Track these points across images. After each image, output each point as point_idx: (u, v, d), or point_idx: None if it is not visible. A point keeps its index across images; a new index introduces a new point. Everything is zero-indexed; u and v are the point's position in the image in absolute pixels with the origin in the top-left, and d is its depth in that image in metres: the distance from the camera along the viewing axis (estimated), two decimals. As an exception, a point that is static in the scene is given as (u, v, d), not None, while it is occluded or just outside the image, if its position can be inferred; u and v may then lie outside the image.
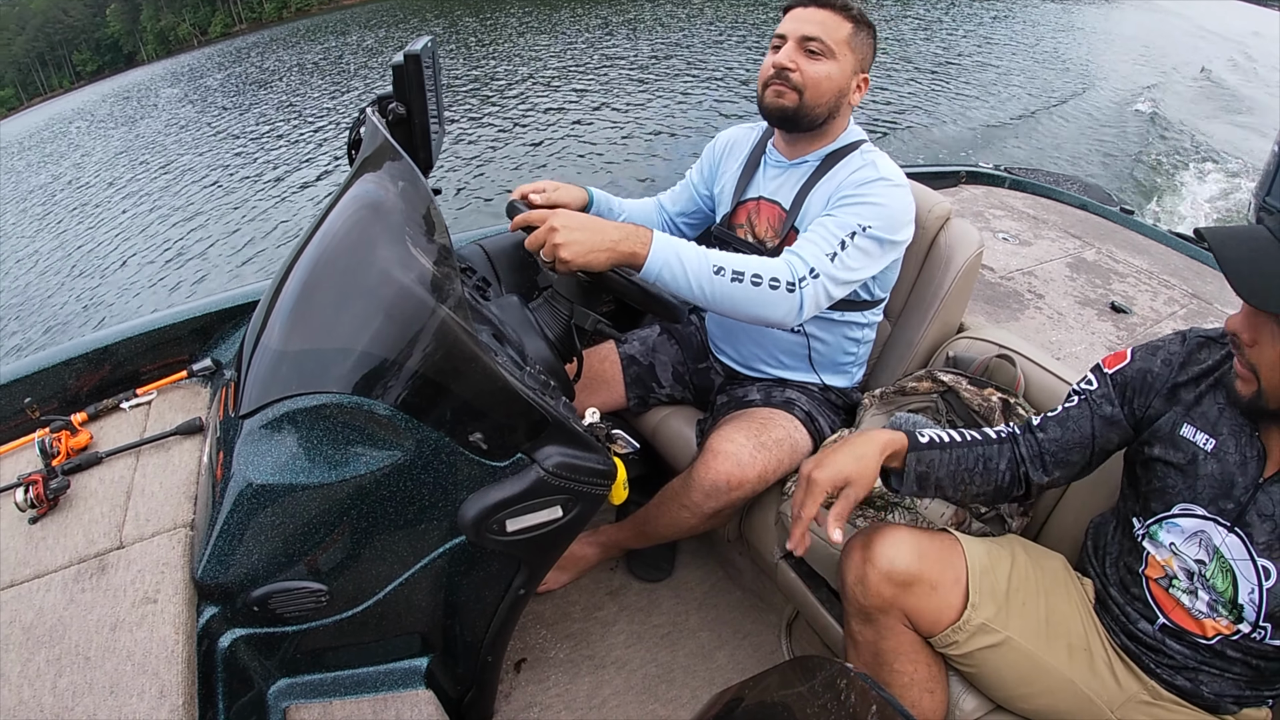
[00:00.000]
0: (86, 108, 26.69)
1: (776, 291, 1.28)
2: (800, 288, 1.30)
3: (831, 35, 1.42)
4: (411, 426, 1.00)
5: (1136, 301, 2.81)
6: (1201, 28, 18.07)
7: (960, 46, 14.60)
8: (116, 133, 18.10)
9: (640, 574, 1.91)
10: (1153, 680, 1.14)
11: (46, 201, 12.72)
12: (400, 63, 1.30)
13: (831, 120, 1.50)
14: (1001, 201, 3.58)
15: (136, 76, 34.10)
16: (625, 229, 1.25)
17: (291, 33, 33.84)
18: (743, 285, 1.27)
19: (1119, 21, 18.66)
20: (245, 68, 23.49)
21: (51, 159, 17.65)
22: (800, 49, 1.44)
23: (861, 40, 1.46)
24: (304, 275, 1.08)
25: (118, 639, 0.97)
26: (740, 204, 1.65)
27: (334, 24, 32.11)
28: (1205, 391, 1.10)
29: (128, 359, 1.52)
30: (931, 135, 9.56)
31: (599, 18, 20.04)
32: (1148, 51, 14.85)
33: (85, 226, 10.31)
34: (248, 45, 32.13)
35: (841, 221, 1.37)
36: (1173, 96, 11.57)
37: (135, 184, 11.71)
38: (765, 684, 0.82)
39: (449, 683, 1.29)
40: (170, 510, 1.17)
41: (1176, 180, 8.35)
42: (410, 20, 27.99)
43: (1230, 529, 1.04)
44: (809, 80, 1.44)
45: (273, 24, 52.40)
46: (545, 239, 1.21)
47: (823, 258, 1.33)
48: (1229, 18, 19.61)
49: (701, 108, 10.63)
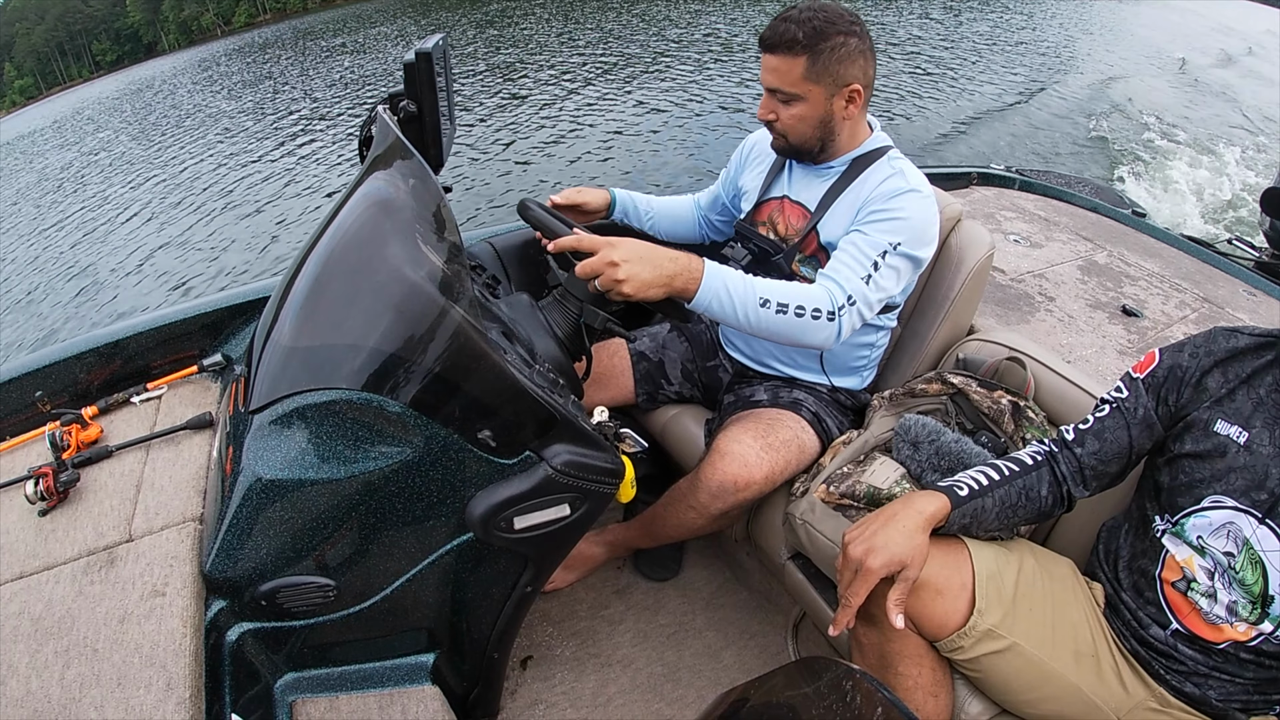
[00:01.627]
0: (106, 97, 26.62)
1: (818, 321, 1.32)
2: (839, 315, 1.34)
3: (787, 80, 1.42)
4: (420, 423, 1.00)
5: (1148, 305, 2.79)
6: (1218, 25, 17.98)
7: (964, 41, 14.56)
8: (122, 127, 18.15)
9: (647, 573, 1.91)
10: (1161, 687, 1.13)
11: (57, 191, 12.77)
12: (412, 60, 1.30)
13: (833, 142, 1.50)
14: (1012, 203, 3.56)
15: (159, 67, 33.92)
16: (679, 260, 1.25)
17: (319, 24, 33.68)
18: (786, 316, 1.30)
19: (1127, 18, 18.61)
20: (267, 62, 23.44)
21: (73, 142, 17.74)
22: (774, 97, 1.46)
23: (824, 63, 1.40)
24: (315, 272, 1.08)
25: (126, 631, 0.97)
26: (764, 202, 1.65)
27: (363, 15, 31.86)
28: (1237, 387, 1.10)
29: (138, 354, 1.53)
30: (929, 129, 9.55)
31: (614, 14, 20.02)
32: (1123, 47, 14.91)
33: (87, 221, 10.33)
34: (272, 36, 31.92)
35: (874, 241, 1.38)
36: (1149, 90, 11.62)
37: (141, 180, 11.75)
38: (771, 685, 0.82)
39: (455, 679, 1.30)
40: (179, 504, 1.17)
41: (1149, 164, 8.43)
42: (436, 13, 27.84)
43: (1262, 520, 1.04)
44: (786, 126, 1.47)
45: (297, 14, 52.16)
46: (602, 270, 1.19)
47: (858, 282, 1.36)
48: (1241, 16, 19.52)
49: (718, 106, 10.59)
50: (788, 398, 1.62)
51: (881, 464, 1.41)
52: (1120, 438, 1.17)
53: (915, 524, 1.09)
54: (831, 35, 1.38)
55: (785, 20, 1.39)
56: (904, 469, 1.39)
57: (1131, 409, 1.17)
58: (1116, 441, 1.17)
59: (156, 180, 11.40)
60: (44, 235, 10.29)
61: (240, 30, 54.10)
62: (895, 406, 1.58)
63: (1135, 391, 1.18)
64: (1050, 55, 13.41)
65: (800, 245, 1.55)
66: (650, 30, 16.85)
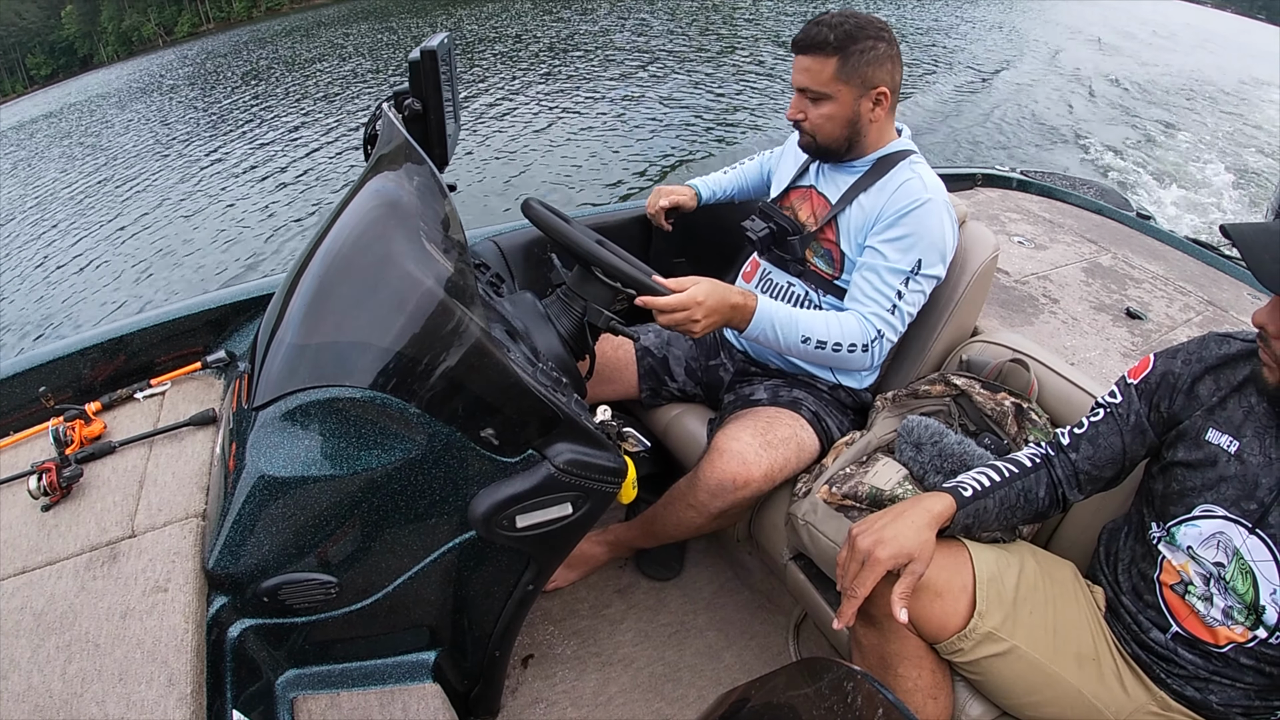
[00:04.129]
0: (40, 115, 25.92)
1: (854, 354, 1.48)
2: (873, 346, 1.49)
3: (819, 80, 1.47)
4: (424, 421, 1.00)
5: (1152, 307, 2.78)
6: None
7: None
8: (126, 122, 18.02)
9: (649, 572, 1.91)
10: (1162, 691, 1.13)
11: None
12: (417, 59, 1.31)
13: (859, 142, 1.55)
14: (1017, 205, 3.55)
15: (100, 79, 32.97)
16: (738, 303, 1.39)
17: (270, 32, 33.05)
18: (824, 352, 1.47)
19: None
20: (242, 63, 23.07)
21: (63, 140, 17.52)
22: (804, 97, 1.52)
23: (854, 65, 1.45)
24: (319, 270, 1.08)
25: (128, 627, 0.97)
26: (792, 189, 1.71)
27: (306, 25, 31.25)
28: (1229, 395, 1.09)
29: (142, 350, 1.53)
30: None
31: (617, 9, 20.01)
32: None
33: (87, 221, 10.23)
34: (224, 44, 31.28)
35: (895, 268, 1.47)
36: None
37: (149, 177, 11.70)
38: (772, 685, 0.82)
39: (456, 677, 1.30)
40: (182, 500, 1.18)
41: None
42: (389, 19, 27.53)
43: (1251, 530, 1.03)
44: (815, 125, 1.53)
45: (242, 24, 51.25)
46: (684, 323, 1.32)
47: (886, 315, 1.48)
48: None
49: (726, 102, 10.61)
50: (787, 396, 1.62)
51: (884, 465, 1.41)
52: (1114, 444, 1.17)
53: (924, 520, 1.09)
54: (861, 39, 1.44)
55: (818, 24, 1.47)
56: (906, 470, 1.39)
57: (1124, 415, 1.17)
58: (1110, 447, 1.17)
59: (152, 181, 11.32)
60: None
61: (183, 40, 53.01)
62: (898, 407, 1.58)
63: (1129, 397, 1.18)
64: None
65: (817, 234, 1.59)
66: (658, 28, 16.83)
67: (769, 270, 1.68)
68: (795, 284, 1.63)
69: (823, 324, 1.45)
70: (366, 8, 31.80)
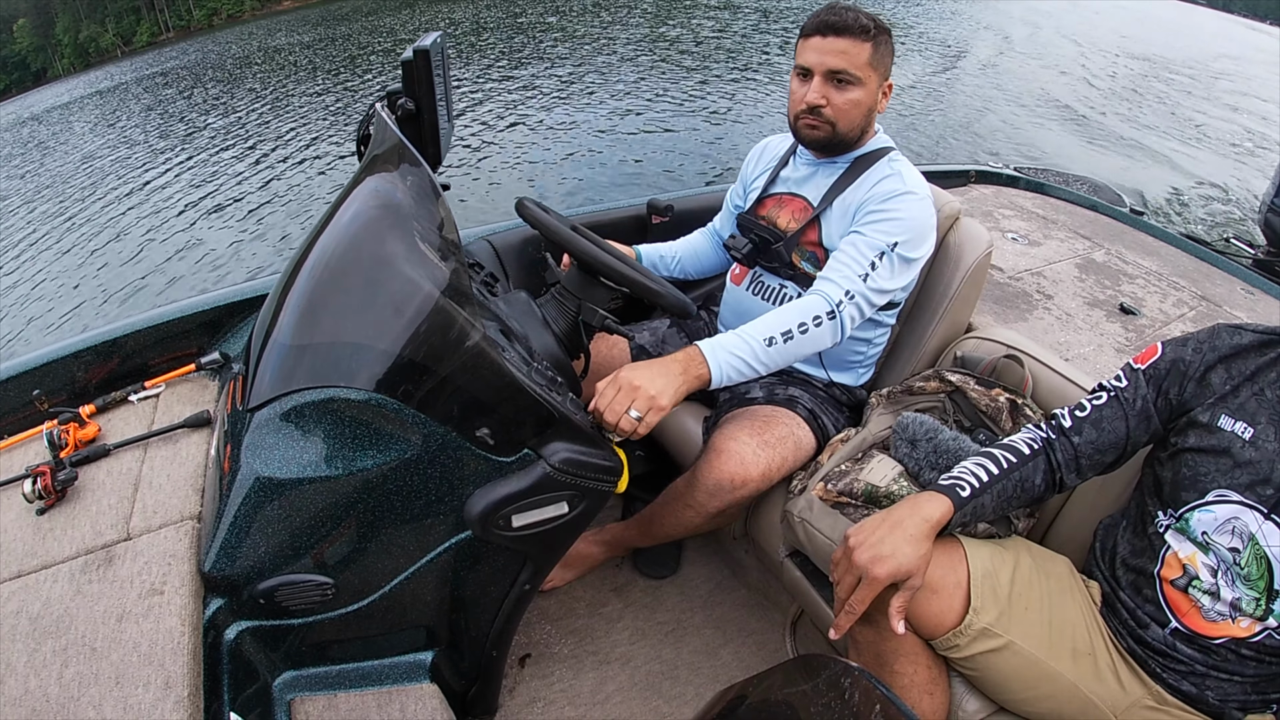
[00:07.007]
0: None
1: (820, 326, 1.38)
2: (839, 311, 1.39)
3: (856, 63, 1.44)
4: (419, 421, 1.00)
5: (1145, 303, 2.80)
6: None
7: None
8: (125, 121, 17.92)
9: (645, 571, 1.91)
10: (1158, 685, 1.13)
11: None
12: (410, 58, 1.30)
13: (865, 134, 1.55)
14: (1011, 201, 3.57)
15: (56, 91, 31.93)
16: (677, 357, 1.27)
17: (235, 37, 32.37)
18: (794, 340, 1.36)
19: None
20: (213, 70, 22.73)
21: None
22: (828, 82, 1.46)
23: (882, 53, 1.46)
24: (313, 270, 1.08)
25: (124, 630, 0.97)
26: (766, 197, 1.68)
27: (271, 30, 30.55)
28: (1241, 384, 1.10)
29: (136, 352, 1.52)
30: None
31: (611, 11, 19.98)
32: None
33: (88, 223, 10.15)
34: (188, 52, 30.62)
35: (871, 241, 1.43)
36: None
37: (143, 177, 11.65)
38: (769, 682, 0.82)
39: (454, 677, 1.30)
40: (177, 502, 1.17)
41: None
42: (337, 25, 27.15)
43: (1268, 516, 1.04)
44: (839, 112, 1.48)
45: (202, 32, 50.34)
46: (625, 401, 1.18)
47: (856, 279, 1.41)
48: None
49: (717, 104, 10.60)
50: (783, 395, 1.62)
51: (879, 462, 1.41)
52: (1118, 428, 1.17)
53: (921, 531, 1.08)
54: (883, 32, 1.46)
55: (841, 10, 1.44)
56: (902, 467, 1.39)
57: (1131, 400, 1.17)
58: (1114, 431, 1.17)
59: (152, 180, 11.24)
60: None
61: (142, 50, 51.81)
62: (893, 404, 1.59)
63: (1135, 382, 1.18)
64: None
65: (799, 236, 1.57)
66: (650, 28, 16.81)
67: (760, 273, 1.68)
68: (788, 286, 1.62)
69: (775, 318, 1.37)
70: (334, 12, 31.38)
